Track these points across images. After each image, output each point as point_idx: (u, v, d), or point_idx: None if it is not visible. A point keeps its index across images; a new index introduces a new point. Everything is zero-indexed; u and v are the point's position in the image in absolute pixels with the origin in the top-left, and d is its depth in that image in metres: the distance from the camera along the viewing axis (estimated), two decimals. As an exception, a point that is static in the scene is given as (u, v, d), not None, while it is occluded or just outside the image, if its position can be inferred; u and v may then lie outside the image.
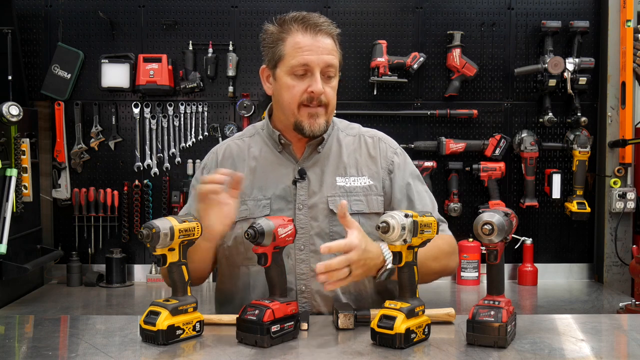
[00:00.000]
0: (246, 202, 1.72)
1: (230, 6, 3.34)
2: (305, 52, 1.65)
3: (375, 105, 3.33)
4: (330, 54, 1.67)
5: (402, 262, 1.42)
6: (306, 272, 1.70)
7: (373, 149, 1.82)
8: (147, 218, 3.32)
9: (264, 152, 1.79)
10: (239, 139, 1.86)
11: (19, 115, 2.72)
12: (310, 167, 1.76)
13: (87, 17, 3.32)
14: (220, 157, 1.82)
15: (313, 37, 1.66)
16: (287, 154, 1.77)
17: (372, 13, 3.36)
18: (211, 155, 1.85)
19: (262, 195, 1.73)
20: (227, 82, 3.32)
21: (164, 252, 1.43)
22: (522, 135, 3.31)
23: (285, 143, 1.76)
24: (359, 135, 1.85)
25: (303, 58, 1.65)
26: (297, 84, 1.67)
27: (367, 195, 1.75)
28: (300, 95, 1.67)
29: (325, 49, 1.66)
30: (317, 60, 1.65)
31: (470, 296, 3.10)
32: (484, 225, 1.37)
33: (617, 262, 3.30)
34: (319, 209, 1.72)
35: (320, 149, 1.77)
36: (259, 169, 1.77)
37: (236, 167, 1.75)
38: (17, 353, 1.41)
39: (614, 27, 3.28)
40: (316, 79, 1.65)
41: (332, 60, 1.67)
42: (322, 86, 1.66)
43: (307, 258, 1.70)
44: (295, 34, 1.67)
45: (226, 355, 1.35)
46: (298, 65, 1.65)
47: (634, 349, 1.48)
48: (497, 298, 1.42)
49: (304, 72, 1.66)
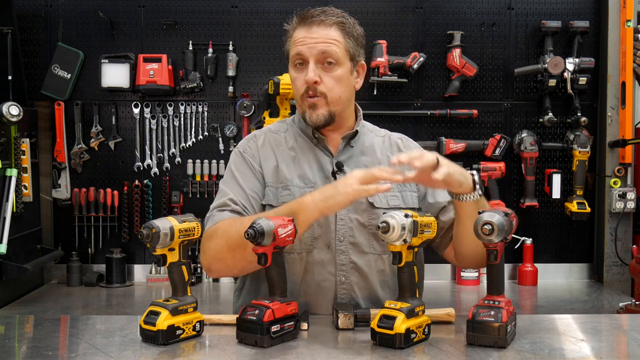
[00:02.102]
0: (289, 187, 1.72)
1: (230, 6, 3.34)
2: (299, 43, 1.70)
3: (375, 105, 3.33)
4: (325, 42, 1.69)
5: (402, 262, 1.42)
6: (346, 264, 1.71)
7: (404, 147, 1.87)
8: (147, 218, 3.32)
9: (300, 143, 1.81)
10: (275, 132, 1.85)
11: (19, 115, 2.72)
12: (345, 161, 1.78)
13: (87, 17, 3.32)
14: (260, 143, 1.81)
15: (307, 28, 1.70)
16: (322, 147, 1.79)
17: (372, 13, 3.36)
18: (250, 142, 1.82)
19: (304, 182, 1.73)
20: (227, 82, 3.33)
21: (164, 252, 1.43)
22: (522, 135, 3.31)
23: (319, 137, 1.78)
24: (388, 135, 1.90)
25: (296, 49, 1.71)
26: (298, 76, 1.73)
27: (402, 191, 1.78)
28: (301, 87, 1.72)
29: (319, 38, 1.69)
30: (309, 49, 1.68)
31: (470, 296, 3.10)
32: (484, 225, 1.37)
33: (617, 262, 3.30)
34: (358, 202, 1.72)
35: (354, 144, 1.80)
36: (298, 158, 1.78)
37: (276, 155, 1.77)
38: (17, 353, 1.41)
39: (614, 27, 3.28)
40: (310, 68, 1.68)
41: (327, 47, 1.69)
42: (316, 75, 1.68)
43: (346, 249, 1.71)
44: (295, 29, 1.73)
45: (226, 355, 1.35)
46: (294, 56, 1.72)
47: (634, 349, 1.48)
48: (497, 298, 1.42)
49: (301, 61, 1.71)
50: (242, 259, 1.57)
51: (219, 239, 1.61)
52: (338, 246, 1.71)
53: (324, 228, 1.71)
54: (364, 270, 1.72)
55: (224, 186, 1.76)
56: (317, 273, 1.70)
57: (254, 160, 1.77)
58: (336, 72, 1.71)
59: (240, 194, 1.71)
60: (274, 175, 1.75)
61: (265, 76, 3.30)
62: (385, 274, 1.75)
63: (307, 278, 1.70)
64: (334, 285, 1.70)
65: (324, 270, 1.70)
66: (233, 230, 1.56)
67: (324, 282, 1.70)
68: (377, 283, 1.73)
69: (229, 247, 1.58)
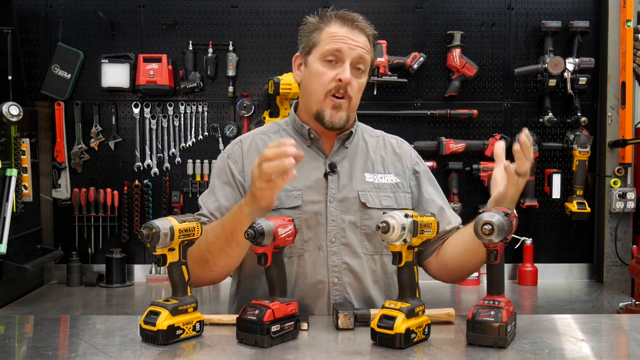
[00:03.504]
0: None
1: (230, 6, 3.34)
2: (340, 40, 1.69)
3: (376, 105, 3.33)
4: (364, 48, 1.71)
5: (402, 262, 1.42)
6: (338, 265, 1.71)
7: (398, 148, 1.88)
8: (147, 218, 3.32)
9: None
10: (264, 134, 1.84)
11: (19, 115, 2.72)
12: (339, 161, 1.78)
13: (87, 17, 3.32)
14: (246, 148, 1.79)
15: (350, 30, 1.71)
16: (315, 148, 1.78)
17: (372, 13, 3.34)
18: (235, 147, 1.81)
19: (292, 186, 1.70)
20: (227, 82, 3.33)
21: (164, 252, 1.43)
22: (522, 135, 3.31)
23: (314, 137, 1.78)
24: (382, 136, 1.91)
25: (337, 44, 1.69)
26: (327, 71, 1.70)
27: (395, 192, 1.79)
28: (329, 83, 1.69)
29: (360, 43, 1.71)
30: (350, 50, 1.69)
31: (470, 296, 3.10)
32: (484, 225, 1.37)
33: (617, 262, 3.30)
34: (350, 202, 1.73)
35: (348, 144, 1.80)
36: None
37: None
38: (17, 353, 1.41)
39: (614, 27, 3.28)
40: (345, 67, 1.68)
41: (364, 54, 1.71)
42: (350, 76, 1.68)
43: (338, 250, 1.71)
44: (333, 25, 1.72)
45: (226, 355, 1.35)
46: (331, 50, 1.69)
47: (634, 349, 1.48)
48: (497, 298, 1.42)
49: (334, 58, 1.69)
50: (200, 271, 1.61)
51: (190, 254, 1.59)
52: (330, 247, 1.71)
53: (315, 230, 1.71)
54: (356, 271, 1.72)
55: (202, 199, 1.78)
56: (310, 276, 1.70)
57: (236, 165, 1.76)
58: (362, 79, 1.73)
59: (214, 205, 1.73)
60: None
61: (265, 76, 3.30)
62: (377, 274, 1.76)
63: (300, 281, 1.70)
64: (327, 287, 1.70)
65: (317, 272, 1.70)
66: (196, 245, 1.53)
67: (318, 285, 1.70)
68: (369, 283, 1.74)
69: (194, 260, 1.59)
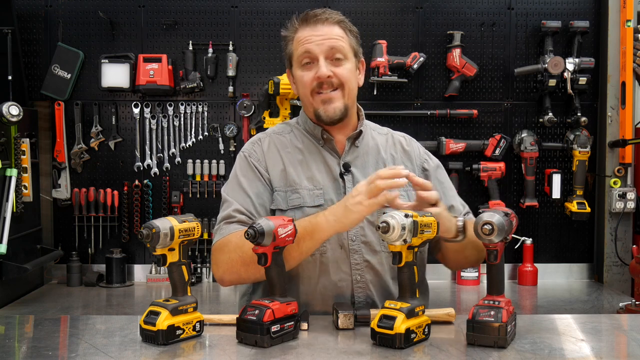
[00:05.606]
0: (298, 191, 1.73)
1: (230, 6, 3.34)
2: (306, 42, 1.72)
3: (376, 105, 3.33)
4: (332, 38, 1.72)
5: (402, 262, 1.42)
6: (360, 262, 1.72)
7: (407, 146, 1.89)
8: (147, 218, 3.32)
9: (307, 145, 1.81)
10: (279, 134, 1.85)
11: (19, 115, 2.72)
12: (352, 161, 1.79)
13: (87, 17, 3.32)
14: (266, 147, 1.80)
15: (312, 27, 1.73)
16: (328, 149, 1.80)
17: (372, 13, 3.36)
18: (254, 146, 1.82)
19: (313, 185, 1.74)
20: (227, 82, 3.33)
21: (164, 252, 1.43)
22: (522, 135, 3.31)
23: (327, 138, 1.79)
24: (390, 134, 1.92)
25: (304, 47, 1.72)
26: (306, 74, 1.74)
27: (407, 190, 1.79)
28: (310, 83, 1.73)
29: (325, 35, 1.72)
30: (318, 46, 1.71)
31: (470, 296, 3.10)
32: (484, 225, 1.37)
33: (617, 262, 3.30)
34: None
35: (359, 144, 1.81)
36: (306, 160, 1.78)
37: (283, 158, 1.77)
38: (17, 353, 1.41)
39: (614, 27, 3.28)
40: (321, 64, 1.71)
41: (335, 43, 1.72)
42: (328, 70, 1.70)
43: (359, 249, 1.72)
44: (300, 30, 1.75)
45: (226, 355, 1.35)
46: (302, 54, 1.73)
47: (634, 349, 1.48)
48: (497, 298, 1.42)
49: (309, 60, 1.73)
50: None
51: (232, 252, 1.63)
52: (351, 246, 1.72)
53: None
54: (377, 268, 1.73)
55: (228, 195, 1.75)
56: (333, 273, 1.70)
57: (260, 164, 1.77)
58: (347, 65, 1.74)
59: (247, 202, 1.72)
60: (281, 179, 1.75)
61: (265, 76, 3.30)
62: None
63: (324, 279, 1.70)
64: (351, 285, 1.71)
65: (340, 270, 1.71)
66: (247, 246, 1.52)
67: (341, 282, 1.71)
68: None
69: (243, 261, 1.61)
